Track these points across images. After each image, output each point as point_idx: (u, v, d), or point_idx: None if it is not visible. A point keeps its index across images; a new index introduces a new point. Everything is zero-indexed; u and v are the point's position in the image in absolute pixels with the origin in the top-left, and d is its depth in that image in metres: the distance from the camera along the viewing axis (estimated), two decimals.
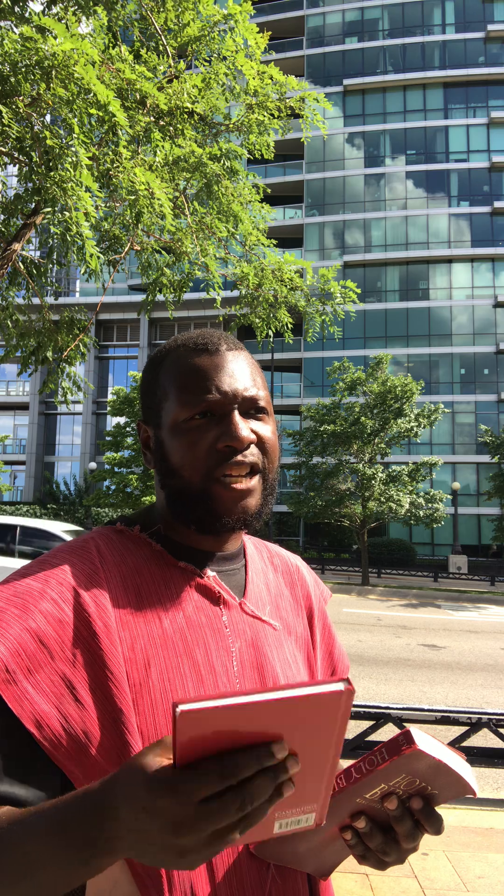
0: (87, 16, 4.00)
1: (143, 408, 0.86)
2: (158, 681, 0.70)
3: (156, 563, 0.78)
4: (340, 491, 20.65)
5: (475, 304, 33.54)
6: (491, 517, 29.47)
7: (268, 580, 0.90)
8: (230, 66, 4.45)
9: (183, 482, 0.77)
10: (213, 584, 0.80)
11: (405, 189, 35.17)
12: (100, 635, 0.68)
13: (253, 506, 0.77)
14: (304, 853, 0.74)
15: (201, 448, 0.75)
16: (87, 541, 0.78)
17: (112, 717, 0.66)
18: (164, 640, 0.72)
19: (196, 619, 0.76)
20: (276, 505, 30.02)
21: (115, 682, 0.67)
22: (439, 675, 7.89)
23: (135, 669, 0.69)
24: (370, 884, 2.88)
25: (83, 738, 0.65)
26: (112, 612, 0.71)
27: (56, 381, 5.45)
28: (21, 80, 3.15)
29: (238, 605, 0.81)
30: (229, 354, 0.80)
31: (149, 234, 4.92)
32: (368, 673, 7.85)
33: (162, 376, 0.81)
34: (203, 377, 0.77)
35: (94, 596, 0.70)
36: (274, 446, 0.81)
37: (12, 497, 37.30)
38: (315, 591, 0.98)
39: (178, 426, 0.77)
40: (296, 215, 36.49)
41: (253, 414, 0.80)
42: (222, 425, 0.76)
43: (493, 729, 4.06)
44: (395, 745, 0.61)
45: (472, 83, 34.86)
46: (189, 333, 0.84)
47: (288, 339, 5.54)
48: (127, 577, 0.75)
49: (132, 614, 0.72)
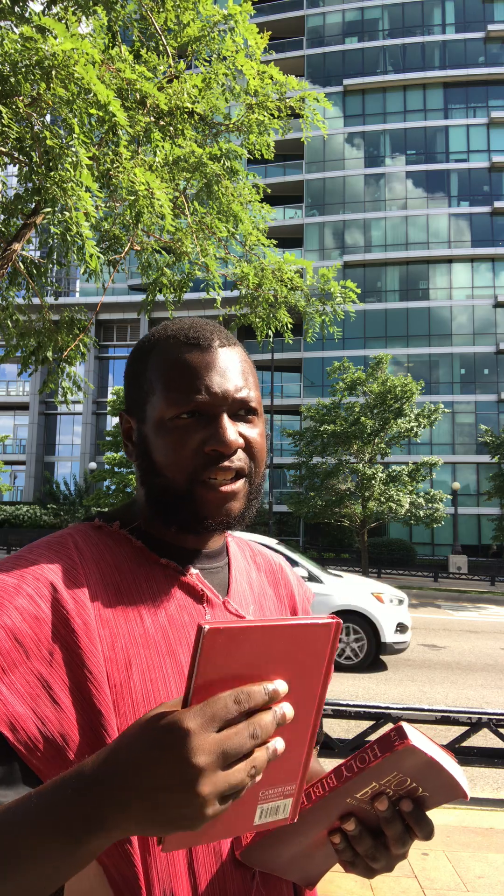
0: (87, 16, 4.00)
1: (128, 398, 0.82)
2: (140, 681, 0.68)
3: (136, 561, 0.76)
4: (340, 491, 20.66)
5: (475, 304, 33.55)
6: (491, 517, 29.48)
7: (251, 579, 0.89)
8: (230, 66, 4.45)
9: (166, 481, 0.74)
10: (197, 582, 0.78)
11: (405, 189, 35.18)
12: (79, 633, 0.66)
13: (237, 509, 0.75)
14: (288, 861, 0.72)
15: (187, 449, 0.73)
16: (63, 536, 0.75)
17: (91, 719, 0.64)
18: (146, 638, 0.70)
19: (179, 617, 0.74)
20: (276, 505, 30.05)
21: (95, 682, 0.65)
22: (439, 675, 7.89)
23: (115, 669, 0.67)
24: (370, 884, 2.88)
25: (60, 742, 0.62)
26: (91, 609, 0.68)
27: (56, 381, 5.46)
28: (21, 80, 3.15)
29: (222, 604, 0.79)
30: (222, 351, 0.77)
31: (149, 234, 4.92)
32: (368, 673, 7.85)
33: (149, 368, 0.78)
34: (193, 375, 0.74)
35: (72, 593, 0.68)
36: (261, 450, 0.79)
37: (12, 497, 37.31)
38: (298, 591, 0.96)
39: (163, 423, 0.74)
40: (296, 215, 36.50)
41: (242, 416, 0.77)
42: (210, 428, 0.73)
43: (493, 729, 4.06)
44: (388, 741, 0.60)
45: (472, 83, 34.87)
46: (180, 323, 0.80)
47: (288, 339, 5.54)
48: (106, 574, 0.72)
49: (113, 612, 0.70)
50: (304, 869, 0.74)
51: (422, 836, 0.65)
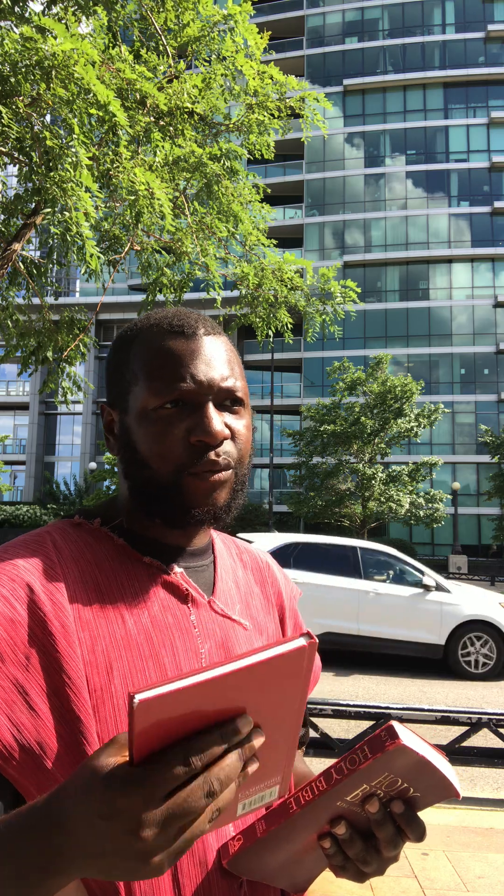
0: (87, 16, 4.00)
1: (109, 389, 0.79)
2: (121, 685, 0.65)
3: (118, 559, 0.72)
4: (340, 491, 20.66)
5: (475, 304, 33.56)
6: (491, 517, 29.48)
7: (237, 577, 0.86)
8: (230, 66, 4.45)
9: (151, 473, 0.71)
10: (181, 581, 0.74)
11: (405, 189, 35.19)
12: (56, 636, 0.63)
13: (223, 499, 0.72)
14: (277, 868, 0.69)
15: (171, 440, 0.70)
16: (41, 534, 0.72)
17: (69, 725, 0.61)
18: (128, 641, 0.67)
19: (162, 618, 0.71)
20: (276, 505, 30.04)
21: (74, 687, 0.62)
22: (439, 675, 7.89)
23: (95, 673, 0.64)
24: (370, 884, 2.88)
25: (37, 750, 0.59)
26: (70, 611, 0.65)
27: (56, 381, 5.45)
28: (21, 80, 3.15)
29: (207, 604, 0.76)
30: (207, 339, 0.74)
31: (149, 234, 4.92)
32: (368, 673, 7.85)
33: (132, 357, 0.75)
34: (177, 363, 0.71)
35: (50, 593, 0.64)
36: (247, 441, 0.76)
37: (12, 497, 37.30)
38: (286, 589, 0.93)
39: (146, 414, 0.71)
40: (296, 215, 36.50)
41: (228, 406, 0.74)
42: (195, 417, 0.71)
43: (493, 729, 4.06)
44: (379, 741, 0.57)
45: (472, 83, 34.88)
46: (164, 312, 0.78)
47: (288, 339, 5.54)
48: (86, 573, 0.69)
49: (93, 614, 0.66)
50: (293, 875, 0.72)
51: (413, 838, 0.63)
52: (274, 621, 0.87)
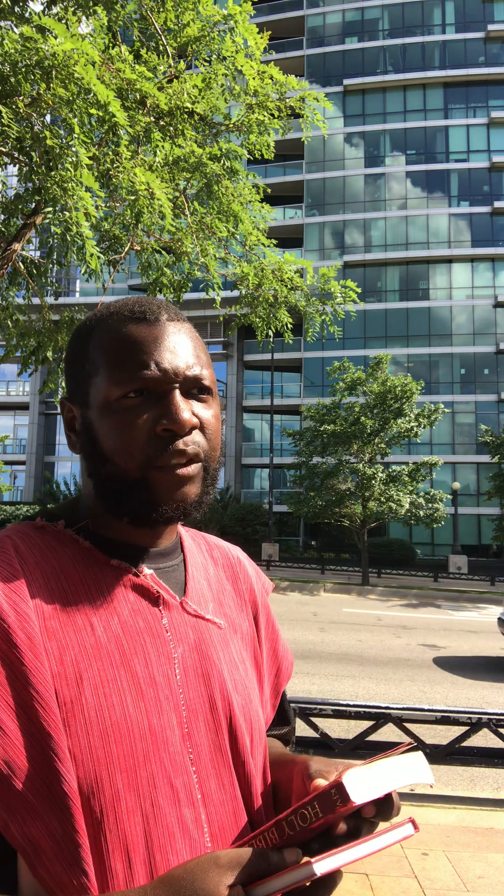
0: (87, 16, 4.00)
1: (69, 384, 0.76)
2: (92, 696, 0.62)
3: (84, 563, 0.69)
4: (340, 491, 20.65)
5: (475, 304, 33.55)
6: (491, 517, 29.46)
7: (209, 575, 0.83)
8: (230, 66, 4.45)
9: (116, 469, 0.68)
10: (151, 584, 0.72)
11: (405, 189, 35.18)
12: (21, 648, 0.59)
13: (193, 494, 0.70)
14: None
15: (136, 431, 0.67)
16: (2, 539, 0.68)
17: (39, 742, 0.58)
18: (98, 649, 0.64)
19: (133, 623, 0.68)
20: (276, 505, 30.04)
21: (42, 701, 0.59)
22: (439, 675, 7.89)
23: (65, 686, 0.61)
24: (370, 884, 2.88)
25: (5, 770, 0.56)
26: (35, 621, 0.62)
27: (56, 380, 5.46)
28: (21, 80, 3.15)
29: (179, 605, 0.74)
30: (170, 326, 0.71)
31: (149, 234, 4.92)
32: (368, 673, 7.85)
33: (91, 347, 0.71)
34: (139, 350, 0.68)
35: (13, 603, 0.61)
36: (216, 432, 0.73)
37: (12, 497, 37.29)
38: (258, 583, 0.91)
39: (109, 405, 0.68)
40: (296, 215, 36.49)
41: (195, 394, 0.71)
42: (161, 406, 0.67)
43: (493, 729, 4.06)
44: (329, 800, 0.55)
45: (472, 83, 34.86)
46: (125, 300, 0.74)
47: (288, 339, 5.54)
48: (51, 579, 0.66)
49: (59, 622, 0.63)
50: None
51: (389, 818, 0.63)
52: (247, 618, 0.85)
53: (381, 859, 3.14)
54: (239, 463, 34.66)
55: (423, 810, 3.79)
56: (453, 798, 4.06)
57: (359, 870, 3.00)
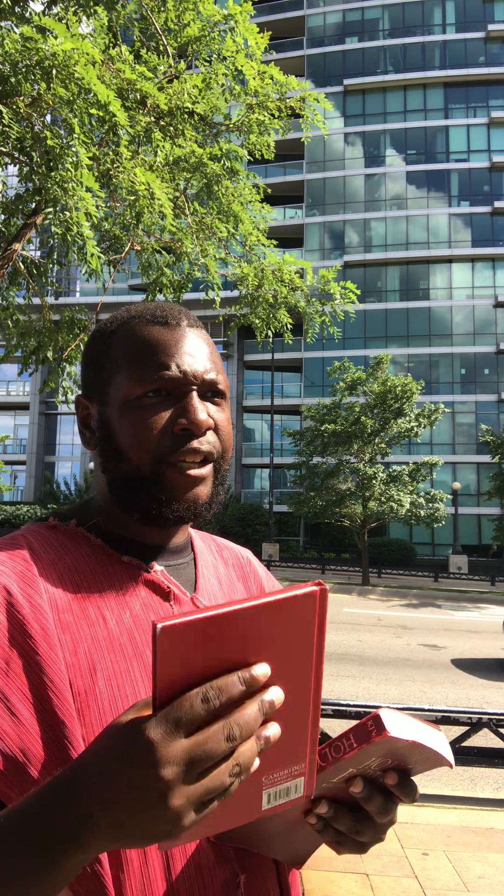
0: (87, 16, 4.00)
1: (86, 382, 0.78)
2: (106, 687, 0.63)
3: (96, 559, 0.71)
4: (341, 491, 20.65)
5: (475, 304, 33.55)
6: (491, 517, 29.46)
7: (219, 574, 0.85)
8: (230, 66, 4.45)
9: (130, 465, 0.70)
10: (162, 579, 0.73)
11: (405, 189, 35.17)
12: (36, 639, 0.61)
13: (204, 495, 0.72)
14: (269, 838, 0.68)
15: (154, 429, 0.69)
16: (16, 538, 0.70)
17: (53, 731, 0.59)
18: (111, 641, 0.65)
19: (144, 617, 0.69)
20: (276, 505, 30.04)
21: (56, 691, 0.60)
22: (439, 675, 7.88)
23: (79, 676, 0.62)
24: (370, 884, 2.88)
25: (21, 758, 0.57)
26: (50, 613, 0.63)
27: (56, 380, 5.46)
28: (21, 80, 3.15)
29: (190, 601, 0.75)
30: (190, 331, 0.74)
31: (149, 234, 4.92)
32: (368, 673, 7.85)
33: (112, 347, 0.74)
34: (161, 351, 0.71)
35: (28, 596, 0.63)
36: (229, 434, 0.76)
37: (12, 497, 37.30)
38: (268, 584, 0.93)
39: (128, 403, 0.70)
40: (296, 215, 36.49)
41: (210, 398, 0.74)
42: (179, 406, 0.70)
43: (493, 729, 4.06)
44: (364, 731, 0.56)
45: (473, 83, 34.86)
46: (146, 304, 0.77)
47: (288, 340, 5.54)
48: (64, 575, 0.68)
49: (73, 615, 0.65)
50: (289, 847, 0.71)
51: (408, 801, 0.63)
52: None
53: (381, 859, 3.14)
54: (239, 463, 34.66)
55: (423, 810, 3.79)
56: (453, 798, 4.07)
57: (359, 870, 3.00)
